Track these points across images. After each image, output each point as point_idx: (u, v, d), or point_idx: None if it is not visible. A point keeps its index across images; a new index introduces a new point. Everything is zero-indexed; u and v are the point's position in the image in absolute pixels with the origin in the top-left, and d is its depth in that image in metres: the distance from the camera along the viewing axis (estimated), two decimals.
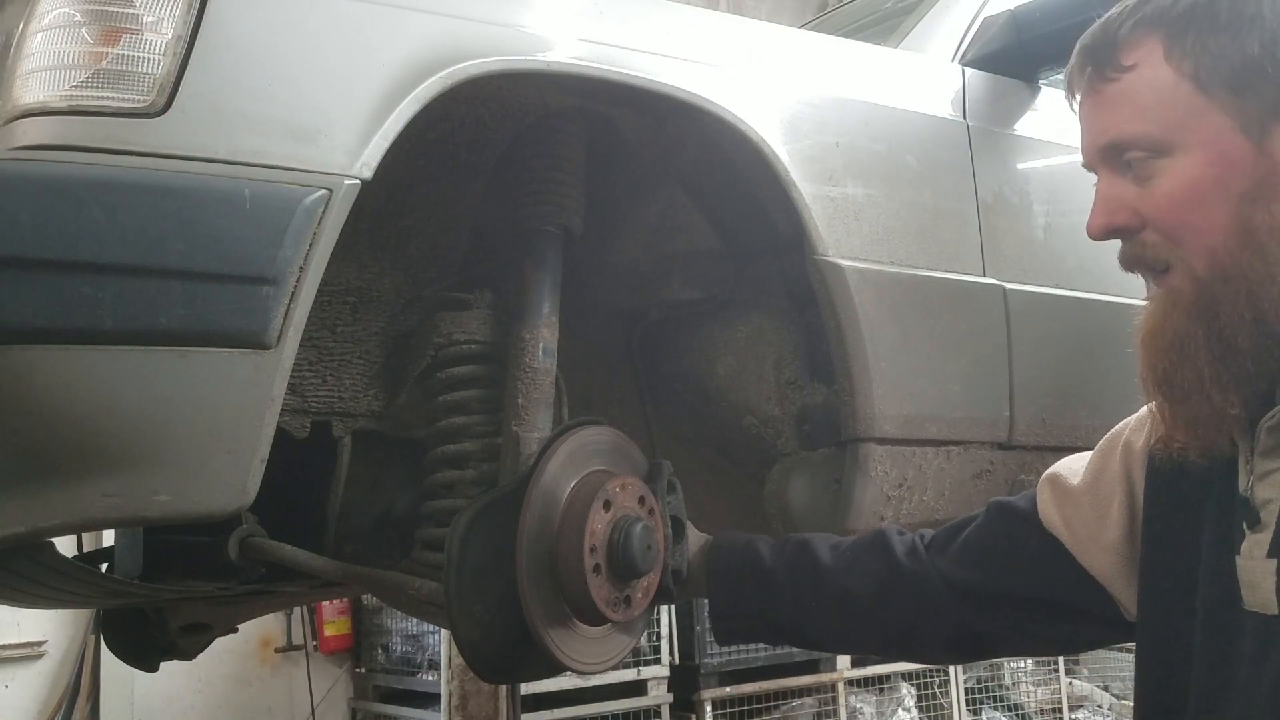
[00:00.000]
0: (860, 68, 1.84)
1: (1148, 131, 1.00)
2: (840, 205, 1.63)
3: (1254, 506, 0.98)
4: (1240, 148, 0.96)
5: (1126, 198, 1.02)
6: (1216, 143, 0.97)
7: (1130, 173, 1.02)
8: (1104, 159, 1.04)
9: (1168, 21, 0.99)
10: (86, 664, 4.40)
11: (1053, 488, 1.26)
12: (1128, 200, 1.02)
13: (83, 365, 1.08)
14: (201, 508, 1.15)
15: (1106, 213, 1.04)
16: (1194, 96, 0.98)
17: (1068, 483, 1.24)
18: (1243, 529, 0.99)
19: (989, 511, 1.33)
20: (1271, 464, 0.98)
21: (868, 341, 1.60)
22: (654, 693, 4.54)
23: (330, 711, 5.09)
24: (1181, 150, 0.99)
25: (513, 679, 3.11)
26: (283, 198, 1.17)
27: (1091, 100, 1.05)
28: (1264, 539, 0.97)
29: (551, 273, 1.60)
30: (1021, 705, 5.66)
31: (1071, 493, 1.23)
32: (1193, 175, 0.98)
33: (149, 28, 1.16)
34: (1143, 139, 1.00)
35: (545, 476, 1.40)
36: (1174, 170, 0.99)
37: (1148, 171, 1.01)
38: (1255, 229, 0.95)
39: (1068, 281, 1.92)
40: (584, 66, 1.43)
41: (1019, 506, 1.30)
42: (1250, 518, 0.98)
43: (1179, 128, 0.98)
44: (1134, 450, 1.18)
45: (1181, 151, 0.99)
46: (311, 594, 2.21)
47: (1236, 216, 0.96)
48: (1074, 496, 1.23)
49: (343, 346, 1.59)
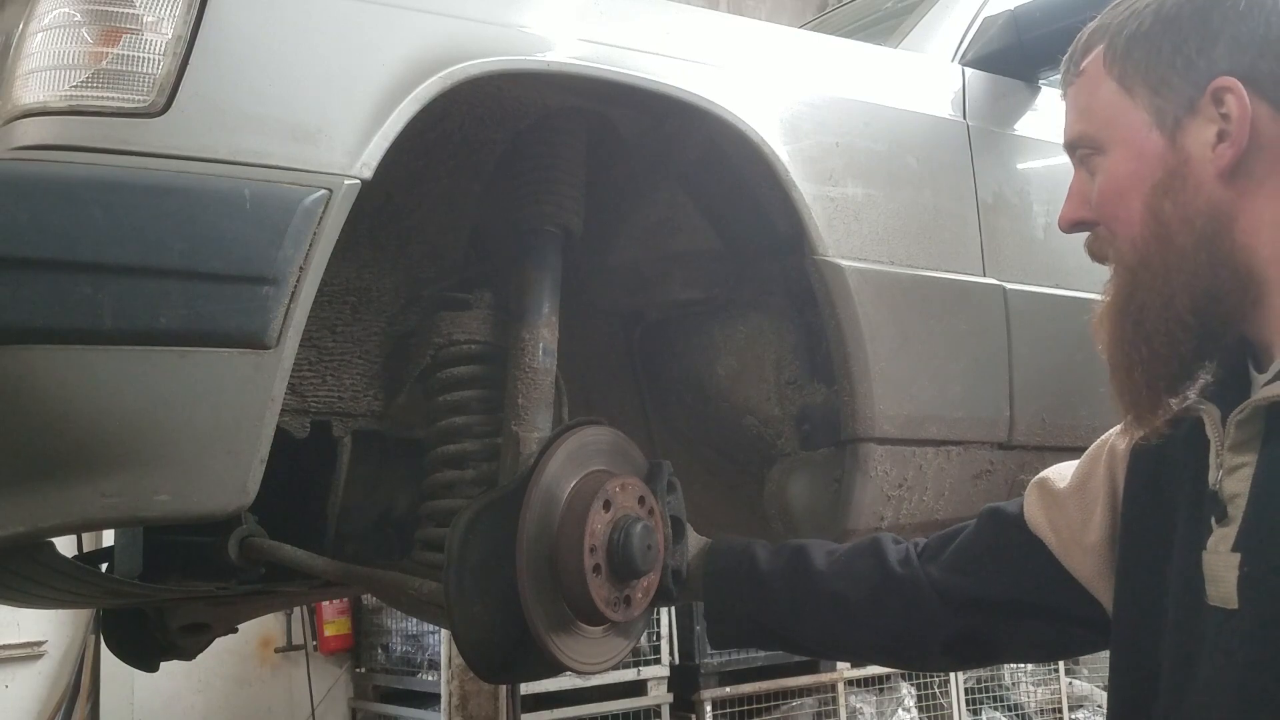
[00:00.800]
0: (860, 68, 1.84)
1: (1086, 130, 1.09)
2: (840, 205, 1.63)
3: (1221, 501, 0.99)
4: (1155, 143, 1.03)
5: (1085, 193, 1.09)
6: (1136, 139, 1.04)
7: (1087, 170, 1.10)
8: (1070, 155, 1.12)
9: (1110, 32, 1.07)
10: (86, 664, 4.40)
11: (1040, 491, 1.27)
12: (1085, 195, 1.09)
13: (82, 365, 1.08)
14: (201, 508, 1.15)
15: (1070, 206, 1.12)
16: (1120, 97, 1.05)
17: (1054, 486, 1.25)
18: (1210, 524, 1.00)
19: (980, 517, 1.34)
20: (1240, 458, 0.98)
21: (868, 341, 1.60)
22: (654, 693, 4.54)
23: (330, 711, 5.09)
24: (1111, 147, 1.06)
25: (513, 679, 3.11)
26: (283, 198, 1.17)
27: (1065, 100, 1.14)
28: (1229, 533, 0.97)
29: (551, 273, 1.60)
30: (1021, 705, 5.66)
31: (1057, 496, 1.24)
32: (1116, 170, 1.05)
33: (149, 28, 1.16)
34: (1084, 137, 1.09)
35: (545, 476, 1.40)
36: (1105, 166, 1.07)
37: (1092, 167, 1.08)
38: (1165, 219, 1.01)
39: (1068, 281, 1.92)
40: (584, 66, 1.43)
41: (1008, 511, 1.30)
42: (1218, 512, 0.99)
43: (1108, 126, 1.06)
44: (1117, 452, 1.19)
45: (1111, 148, 1.06)
46: (311, 594, 2.21)
47: (1149, 207, 1.02)
48: (1059, 499, 1.24)
49: (343, 346, 1.59)
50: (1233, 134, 0.98)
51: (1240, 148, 0.98)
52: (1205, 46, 1.00)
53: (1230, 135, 0.98)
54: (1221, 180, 0.99)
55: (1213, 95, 0.99)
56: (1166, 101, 1.02)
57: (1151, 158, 1.02)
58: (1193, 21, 1.01)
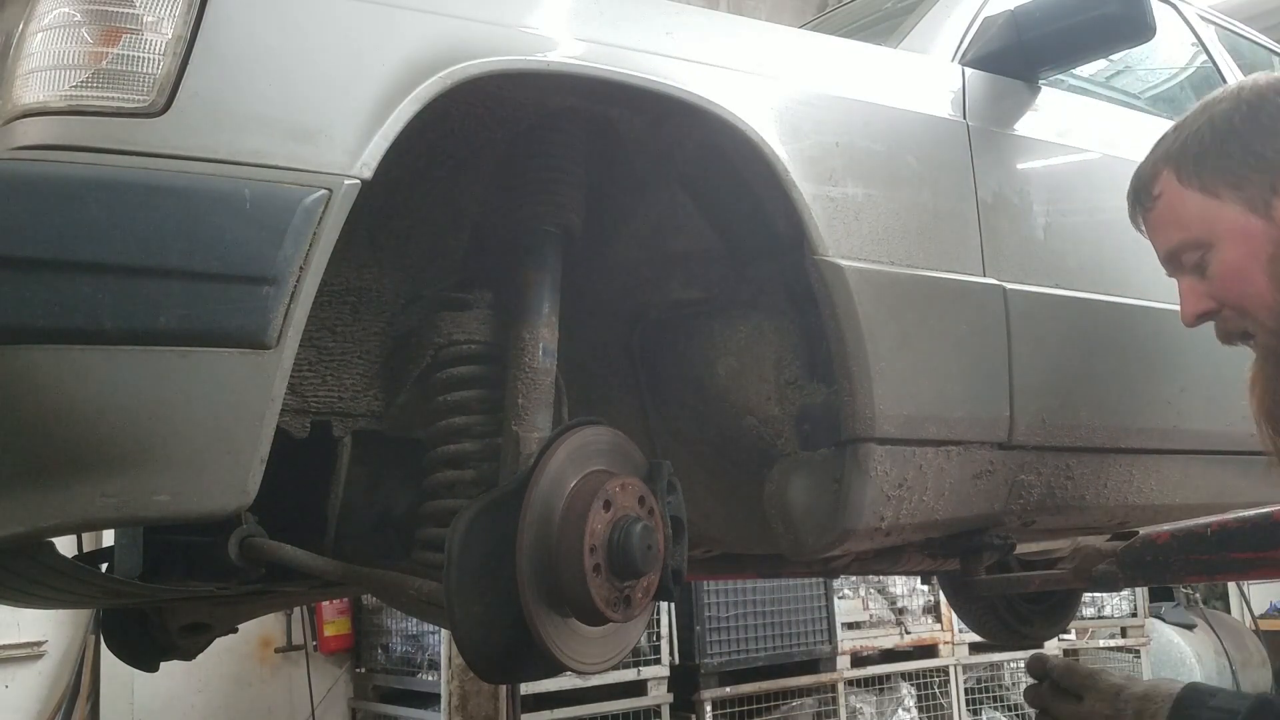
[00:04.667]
0: (860, 68, 1.84)
1: (1185, 237, 1.31)
2: (840, 205, 1.63)
3: None
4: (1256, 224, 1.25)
5: (1199, 290, 1.31)
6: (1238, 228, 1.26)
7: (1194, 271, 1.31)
8: (1171, 267, 1.35)
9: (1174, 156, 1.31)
10: (86, 664, 4.41)
11: None
12: (1200, 291, 1.31)
13: (82, 365, 1.08)
14: (201, 508, 1.15)
15: (1190, 305, 1.33)
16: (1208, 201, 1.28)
17: None
18: None
19: None
20: None
21: (868, 341, 1.60)
22: (654, 693, 4.54)
23: (330, 711, 5.09)
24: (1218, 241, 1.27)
25: (513, 679, 3.11)
26: (283, 198, 1.17)
27: (1146, 228, 1.37)
28: None
29: (551, 273, 1.60)
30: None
31: None
32: (1230, 257, 1.27)
33: (149, 28, 1.16)
34: (1186, 243, 1.31)
35: (545, 476, 1.40)
36: (1217, 259, 1.28)
37: (1203, 266, 1.30)
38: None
39: (1068, 281, 1.92)
40: (583, 66, 1.43)
41: None
42: None
43: (1206, 227, 1.28)
44: None
45: (1218, 242, 1.27)
46: (311, 594, 2.21)
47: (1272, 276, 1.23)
48: None
49: (343, 346, 1.59)
50: None
51: None
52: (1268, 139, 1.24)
53: None
54: None
55: None
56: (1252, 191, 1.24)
57: (1258, 236, 1.24)
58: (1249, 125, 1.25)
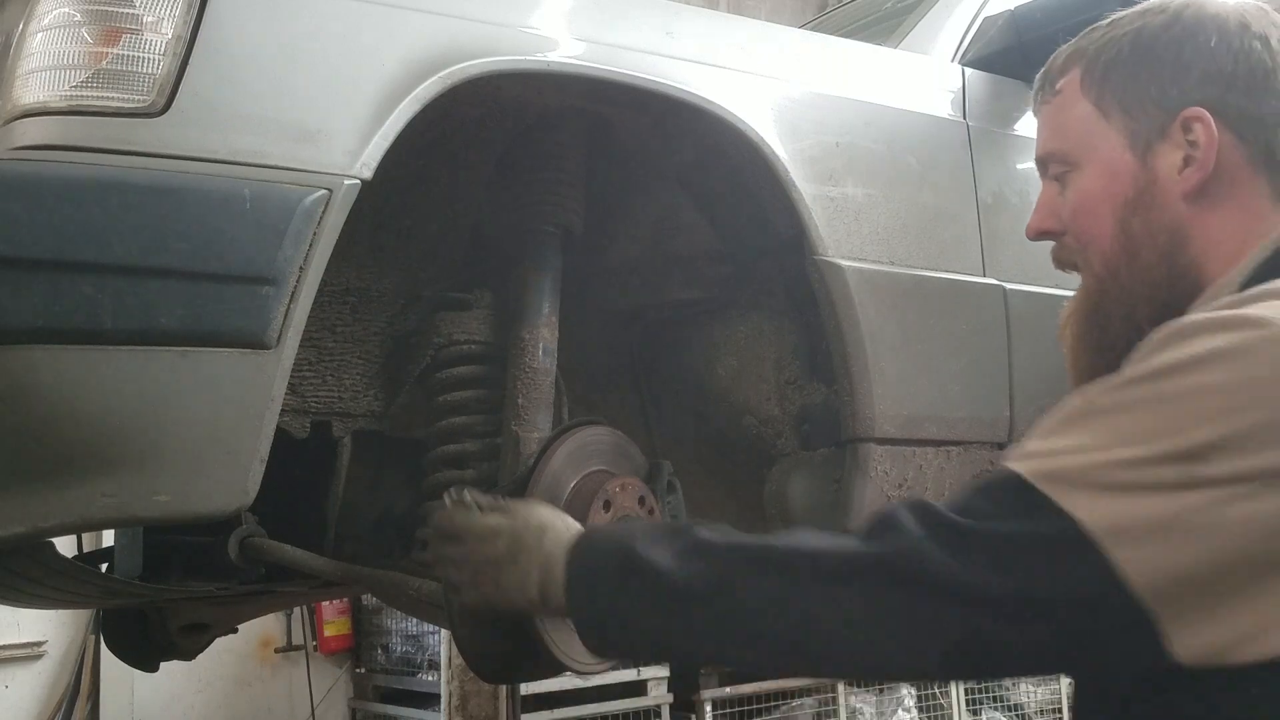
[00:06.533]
0: (860, 68, 1.84)
1: (1060, 147, 1.17)
2: (840, 205, 1.63)
3: None
4: (1128, 162, 1.11)
5: (1053, 205, 1.18)
6: (1110, 158, 1.12)
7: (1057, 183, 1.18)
8: (1041, 169, 1.21)
9: (1087, 57, 1.16)
10: (86, 664, 4.40)
11: None
12: (1054, 207, 1.18)
13: (83, 365, 1.08)
14: (201, 508, 1.15)
15: (1038, 217, 1.20)
16: (1096, 118, 1.14)
17: None
18: None
19: None
20: None
21: (868, 341, 1.60)
22: (654, 693, 4.54)
23: (330, 712, 5.09)
24: (1085, 164, 1.15)
25: (513, 679, 3.11)
26: (283, 198, 1.17)
27: (1038, 117, 1.22)
28: None
29: (551, 273, 1.60)
30: (1021, 705, 5.66)
31: None
32: (1089, 186, 1.14)
33: (149, 28, 1.16)
34: (1058, 154, 1.17)
35: (545, 477, 1.40)
36: (1078, 182, 1.15)
37: (1064, 182, 1.17)
38: (1133, 234, 1.10)
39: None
40: (583, 66, 1.43)
41: None
42: None
43: (1083, 144, 1.15)
44: None
45: (1085, 165, 1.15)
46: (311, 594, 2.21)
47: (1120, 222, 1.11)
48: None
49: (343, 346, 1.59)
50: (1199, 160, 1.06)
51: (1206, 173, 1.06)
52: (1178, 77, 1.09)
53: (1197, 161, 1.06)
54: (1184, 201, 1.07)
55: (1183, 123, 1.07)
56: (1140, 125, 1.10)
57: (1124, 176, 1.11)
58: (1168, 53, 1.10)
